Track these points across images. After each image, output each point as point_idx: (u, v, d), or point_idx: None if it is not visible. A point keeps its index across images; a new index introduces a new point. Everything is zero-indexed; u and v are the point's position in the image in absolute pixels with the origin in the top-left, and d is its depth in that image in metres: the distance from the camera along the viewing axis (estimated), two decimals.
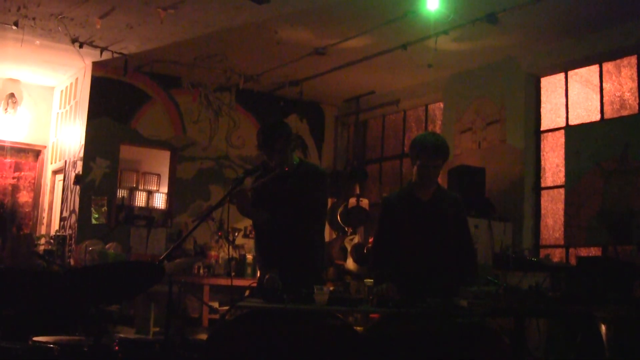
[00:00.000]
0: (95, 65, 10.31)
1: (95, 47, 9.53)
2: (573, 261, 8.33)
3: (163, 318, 6.00)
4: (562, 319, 6.69)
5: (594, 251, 8.19)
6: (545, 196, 9.01)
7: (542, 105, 9.18)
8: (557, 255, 8.65)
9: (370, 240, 8.68)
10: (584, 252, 8.30)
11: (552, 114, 9.09)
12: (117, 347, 5.39)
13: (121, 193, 10.87)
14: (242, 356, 4.66)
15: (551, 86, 9.14)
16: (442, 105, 10.52)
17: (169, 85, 10.97)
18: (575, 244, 8.35)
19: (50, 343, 5.07)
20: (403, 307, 4.69)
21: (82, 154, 10.29)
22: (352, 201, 10.61)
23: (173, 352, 5.57)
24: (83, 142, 10.30)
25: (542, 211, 9.00)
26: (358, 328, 6.30)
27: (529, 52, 9.00)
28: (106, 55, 9.79)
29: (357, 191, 10.92)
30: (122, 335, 5.99)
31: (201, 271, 9.84)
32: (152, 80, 10.83)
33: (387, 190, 10.50)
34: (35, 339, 5.18)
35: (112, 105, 10.54)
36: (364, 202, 10.64)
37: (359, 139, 12.09)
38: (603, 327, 6.12)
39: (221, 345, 4.75)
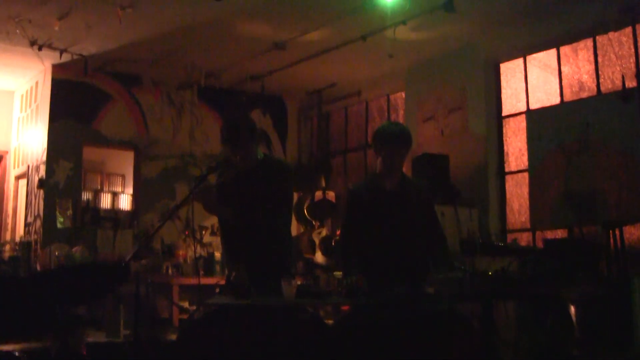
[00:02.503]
0: (55, 67, 10.22)
1: (55, 49, 9.43)
2: (540, 244, 8.39)
3: (133, 320, 5.97)
4: (530, 301, 6.74)
5: (560, 233, 8.25)
6: (509, 181, 9.06)
7: (503, 90, 9.23)
8: (524, 239, 8.70)
9: (338, 232, 8.68)
10: (550, 234, 8.36)
11: (512, 99, 9.14)
12: (85, 352, 5.36)
13: (86, 195, 10.78)
14: (212, 354, 4.65)
15: (510, 71, 9.19)
16: (403, 94, 10.54)
17: (130, 85, 10.90)
18: (541, 227, 8.39)
19: (16, 351, 5.02)
20: (372, 297, 4.70)
21: (45, 158, 10.19)
22: (318, 194, 10.61)
23: (142, 354, 5.55)
24: (45, 145, 10.20)
25: (507, 195, 9.05)
26: (329, 320, 6.31)
27: (487, 39, 9.04)
28: (66, 57, 9.70)
29: (323, 184, 10.92)
30: (90, 339, 5.96)
31: (170, 271, 9.77)
32: (113, 80, 10.75)
33: (353, 182, 10.51)
34: None
35: (74, 107, 10.44)
36: (330, 195, 10.65)
37: (323, 132, 12.08)
38: (572, 307, 6.19)
39: (190, 343, 4.74)
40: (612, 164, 7.65)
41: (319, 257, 9.67)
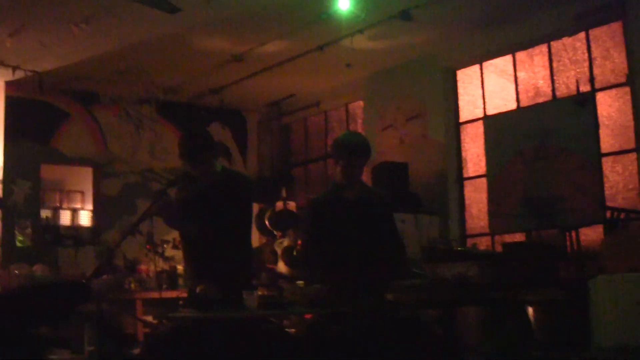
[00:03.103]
0: (9, 84, 10.02)
1: (7, 66, 9.33)
2: (499, 248, 8.46)
3: (97, 336, 5.95)
4: (489, 305, 6.80)
5: (519, 237, 8.33)
6: (468, 186, 9.13)
7: (460, 97, 9.32)
8: (484, 243, 8.77)
9: (300, 242, 8.69)
10: (509, 238, 8.43)
11: (470, 106, 9.23)
12: None
13: (45, 213, 10.71)
14: None
15: (467, 78, 9.28)
16: (362, 103, 10.59)
17: (88, 102, 10.83)
18: (500, 231, 8.48)
19: None
20: (334, 306, 4.72)
21: (1, 177, 10.06)
22: (280, 205, 10.62)
23: None
24: (2, 164, 10.07)
25: (467, 201, 9.13)
26: (293, 330, 6.32)
27: (444, 46, 9.11)
28: (19, 74, 9.58)
29: (284, 195, 10.93)
30: (54, 357, 5.91)
31: (132, 286, 9.74)
32: (70, 97, 10.68)
33: (314, 192, 10.53)
34: None
35: (30, 125, 10.35)
36: (291, 205, 10.64)
37: (283, 143, 12.10)
38: (531, 310, 6.26)
39: (155, 357, 4.73)
40: (569, 168, 7.76)
41: (282, 267, 9.65)
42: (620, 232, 7.16)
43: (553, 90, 8.28)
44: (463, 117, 9.26)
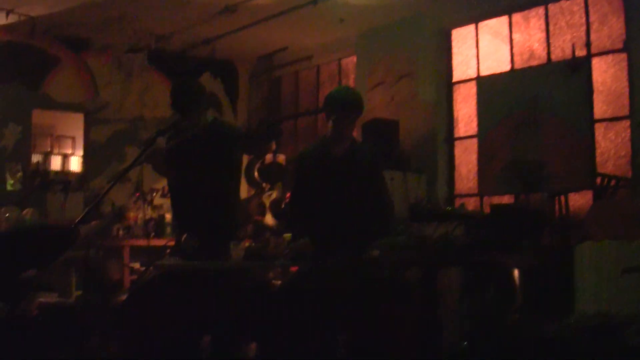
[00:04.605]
0: (1, 28, 9.99)
1: (1, 9, 9.28)
2: (487, 209, 8.50)
3: (84, 282, 5.99)
4: (473, 267, 6.85)
5: (507, 199, 8.37)
6: (458, 146, 9.15)
7: (454, 57, 9.30)
8: (472, 203, 8.81)
9: (288, 195, 8.72)
10: (497, 200, 8.47)
11: (463, 66, 9.21)
12: (35, 312, 5.37)
13: (36, 158, 10.72)
14: (160, 315, 4.69)
15: (462, 38, 9.25)
16: (354, 59, 10.57)
17: (79, 48, 10.76)
18: (489, 193, 8.52)
19: None
20: (317, 262, 4.76)
21: None
22: (269, 157, 10.61)
23: (93, 315, 5.57)
24: None
25: (456, 161, 9.15)
26: (277, 282, 6.36)
27: (440, 5, 9.03)
28: (12, 18, 9.47)
29: (273, 147, 10.91)
30: (42, 299, 5.94)
31: (120, 233, 9.78)
32: (62, 43, 10.60)
33: (303, 146, 10.54)
34: None
35: (22, 70, 10.28)
36: (281, 158, 10.65)
37: (274, 96, 12.08)
38: (515, 273, 6.30)
39: (139, 305, 4.77)
40: (560, 132, 7.76)
41: (269, 220, 9.70)
42: (607, 200, 7.20)
43: (548, 53, 8.27)
44: (456, 76, 9.25)
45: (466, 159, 9.05)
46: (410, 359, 4.62)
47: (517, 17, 8.61)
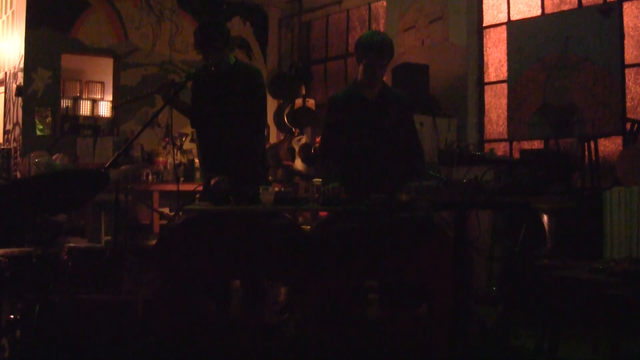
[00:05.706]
0: None
1: None
2: (517, 155, 8.47)
3: (113, 226, 6.03)
4: (504, 210, 6.84)
5: (537, 144, 8.33)
6: (488, 91, 9.08)
7: (484, 1, 9.19)
8: (501, 149, 8.77)
9: (317, 140, 8.72)
10: (526, 145, 8.43)
11: (494, 10, 9.10)
12: (66, 256, 5.42)
13: (65, 103, 10.76)
14: (190, 259, 4.72)
15: None
16: (385, 3, 10.47)
17: None
18: (518, 138, 8.48)
19: None
20: (348, 204, 4.77)
21: (22, 65, 10.08)
22: (298, 102, 10.62)
23: (123, 258, 5.62)
24: (23, 52, 10.07)
25: (486, 106, 9.08)
26: (306, 227, 6.39)
27: None
28: None
29: (303, 92, 10.92)
30: (71, 244, 6.00)
31: (150, 178, 9.83)
32: None
33: (333, 90, 10.51)
34: None
35: (51, 14, 10.25)
36: (310, 103, 10.65)
37: (303, 40, 12.03)
38: (545, 218, 6.30)
39: (170, 248, 4.80)
40: (589, 79, 7.71)
41: (299, 165, 9.71)
42: (637, 145, 7.14)
43: None
44: (486, 21, 9.15)
45: (496, 104, 8.98)
46: (442, 302, 4.63)
47: None
